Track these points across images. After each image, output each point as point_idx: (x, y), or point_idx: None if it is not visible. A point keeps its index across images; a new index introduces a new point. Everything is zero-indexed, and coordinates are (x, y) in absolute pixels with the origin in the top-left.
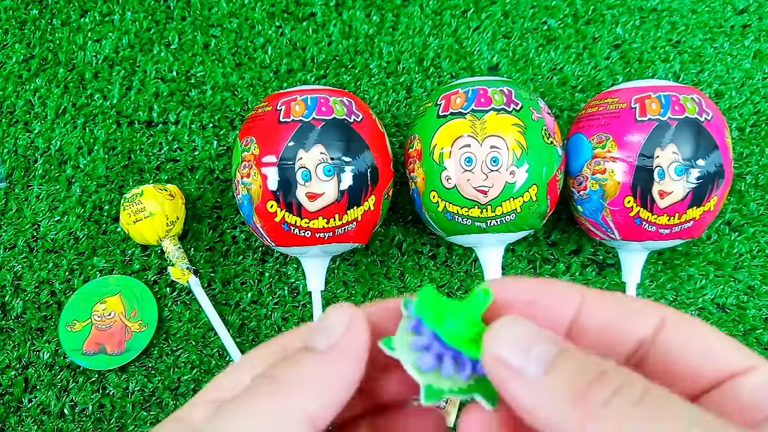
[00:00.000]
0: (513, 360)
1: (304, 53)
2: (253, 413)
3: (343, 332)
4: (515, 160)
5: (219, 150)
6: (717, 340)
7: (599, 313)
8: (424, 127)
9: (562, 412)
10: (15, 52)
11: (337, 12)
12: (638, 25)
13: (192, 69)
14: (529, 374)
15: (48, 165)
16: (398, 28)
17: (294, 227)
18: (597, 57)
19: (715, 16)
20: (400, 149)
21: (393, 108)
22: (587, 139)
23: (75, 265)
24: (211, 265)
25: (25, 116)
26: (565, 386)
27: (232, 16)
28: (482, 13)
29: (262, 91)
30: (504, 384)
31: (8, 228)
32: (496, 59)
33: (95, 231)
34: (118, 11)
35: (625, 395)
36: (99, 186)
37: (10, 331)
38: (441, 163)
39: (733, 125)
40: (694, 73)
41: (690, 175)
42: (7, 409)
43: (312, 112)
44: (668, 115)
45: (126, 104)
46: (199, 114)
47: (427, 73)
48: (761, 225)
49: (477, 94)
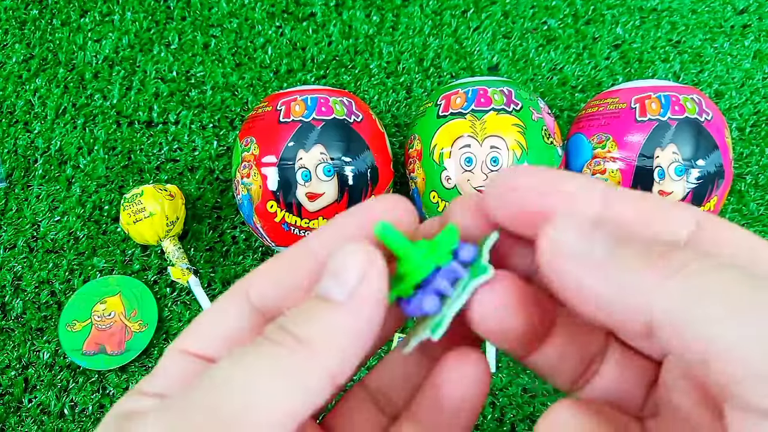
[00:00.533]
0: (576, 244)
1: (304, 53)
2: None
3: (360, 280)
4: (515, 160)
5: (219, 150)
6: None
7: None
8: (424, 127)
9: (637, 278)
10: (15, 52)
11: (337, 12)
12: (638, 25)
13: (192, 69)
14: (596, 255)
15: (48, 165)
16: (398, 28)
17: (294, 227)
18: (597, 57)
19: (715, 16)
20: (400, 149)
21: (393, 108)
22: (587, 139)
23: (75, 265)
24: (211, 265)
25: (25, 116)
26: (637, 259)
27: (232, 16)
28: (482, 13)
29: (262, 91)
30: (565, 272)
31: (8, 228)
32: (496, 59)
33: (95, 231)
34: (118, 11)
35: (703, 260)
36: (99, 186)
37: (10, 331)
38: (441, 163)
39: (733, 125)
40: (694, 73)
41: (690, 176)
42: (7, 409)
43: (312, 112)
44: (668, 116)
45: (126, 104)
46: (199, 114)
47: (427, 73)
48: (761, 225)
49: (477, 94)
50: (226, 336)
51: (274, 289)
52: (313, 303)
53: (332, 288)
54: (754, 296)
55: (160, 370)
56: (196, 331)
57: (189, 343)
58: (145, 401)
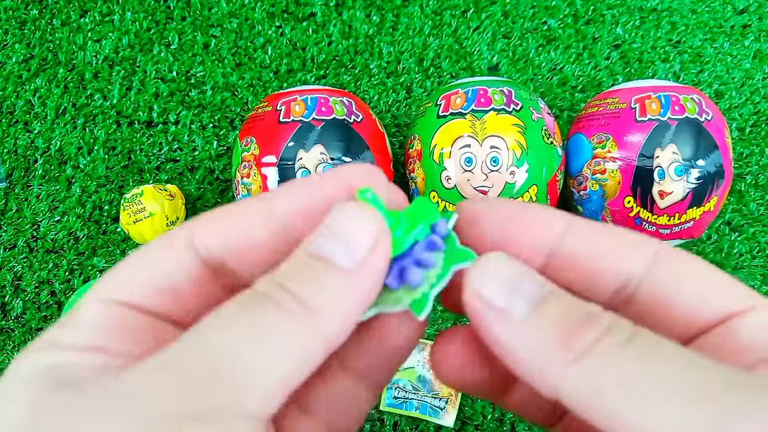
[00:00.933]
0: (497, 299)
1: (304, 53)
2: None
3: (371, 249)
4: (515, 160)
5: (219, 150)
6: (713, 278)
7: (584, 243)
8: (424, 127)
9: (547, 354)
10: (15, 52)
11: (337, 12)
12: (638, 25)
13: (192, 69)
14: (514, 315)
15: (48, 165)
16: (398, 28)
17: None
18: (597, 57)
19: (715, 16)
20: (400, 149)
21: (393, 108)
22: (587, 139)
23: (75, 265)
24: None
25: (25, 116)
26: (551, 328)
27: (232, 16)
28: (482, 13)
29: (262, 91)
30: (485, 324)
31: (8, 228)
32: (496, 59)
33: (95, 231)
34: (118, 11)
35: (615, 335)
36: (99, 186)
37: (10, 331)
38: (441, 163)
39: (733, 125)
40: (694, 73)
41: (690, 176)
42: None
43: (312, 113)
44: (668, 116)
45: (126, 104)
46: (199, 114)
47: (427, 73)
48: (761, 225)
49: (477, 94)
50: (159, 285)
51: (224, 243)
52: (313, 263)
53: (336, 251)
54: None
55: (81, 321)
56: (122, 278)
57: (114, 292)
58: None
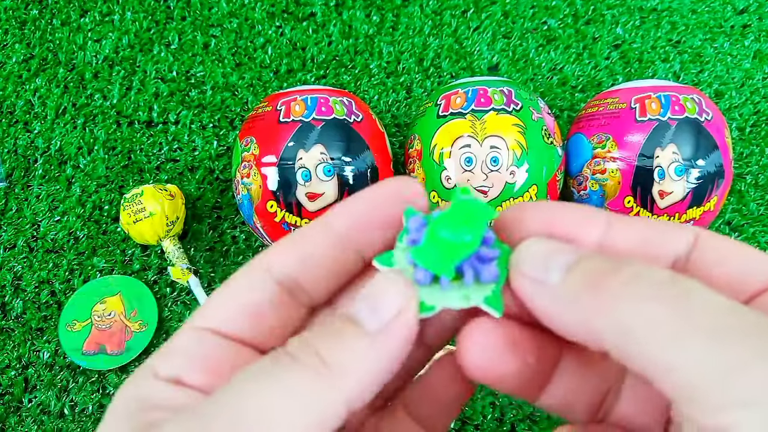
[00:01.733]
0: (536, 273)
1: (304, 53)
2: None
3: (395, 315)
4: (515, 160)
5: (219, 150)
6: (754, 254)
7: (628, 236)
8: (424, 127)
9: (580, 308)
10: (15, 52)
11: (337, 12)
12: (638, 25)
13: (192, 69)
14: (550, 281)
15: (48, 165)
16: (398, 28)
17: (294, 227)
18: (597, 57)
19: (715, 16)
20: (400, 149)
21: (393, 108)
22: (587, 139)
23: (75, 265)
24: (211, 265)
25: (25, 116)
26: (581, 282)
27: (232, 16)
28: (482, 13)
29: (262, 91)
30: (529, 298)
31: (8, 228)
32: (496, 59)
33: (95, 231)
34: (118, 11)
35: (645, 279)
36: (99, 186)
37: (10, 331)
38: (441, 163)
39: (733, 125)
40: (694, 73)
41: (690, 175)
42: (7, 409)
43: (312, 112)
44: (668, 115)
45: (126, 104)
46: (199, 114)
47: (427, 73)
48: (761, 225)
49: (477, 94)
50: (246, 311)
51: (295, 263)
52: (342, 325)
53: (365, 314)
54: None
55: (175, 349)
56: (213, 307)
57: (207, 320)
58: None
